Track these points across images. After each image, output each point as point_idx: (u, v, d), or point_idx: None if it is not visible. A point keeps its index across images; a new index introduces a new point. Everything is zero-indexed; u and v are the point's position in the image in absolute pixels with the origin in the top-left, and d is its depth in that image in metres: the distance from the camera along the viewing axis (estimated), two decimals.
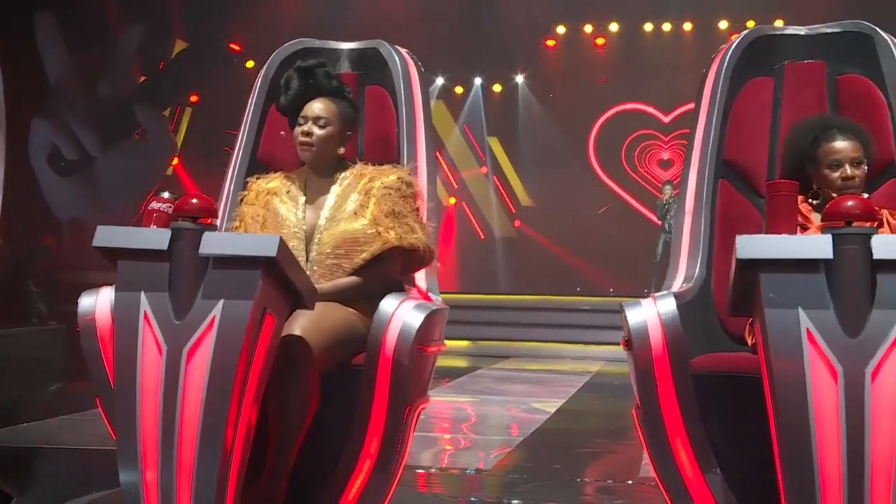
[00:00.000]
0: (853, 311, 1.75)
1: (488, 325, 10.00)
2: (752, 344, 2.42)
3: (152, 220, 2.08)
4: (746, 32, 2.83)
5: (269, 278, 1.97)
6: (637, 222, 12.20)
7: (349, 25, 10.65)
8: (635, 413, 2.30)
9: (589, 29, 12.54)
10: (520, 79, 12.83)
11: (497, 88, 12.99)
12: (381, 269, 2.44)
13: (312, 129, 2.49)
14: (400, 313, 2.27)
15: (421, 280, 2.71)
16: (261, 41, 10.45)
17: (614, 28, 12.50)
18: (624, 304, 2.26)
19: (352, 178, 2.52)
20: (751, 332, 2.43)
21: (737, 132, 2.74)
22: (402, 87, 2.86)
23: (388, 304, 2.30)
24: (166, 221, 2.05)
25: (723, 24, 11.83)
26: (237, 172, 2.87)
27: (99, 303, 2.26)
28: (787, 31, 2.85)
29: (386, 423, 2.26)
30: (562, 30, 12.60)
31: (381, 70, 2.92)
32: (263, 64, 3.02)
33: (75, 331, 2.31)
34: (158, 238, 1.98)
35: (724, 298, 2.20)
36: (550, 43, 12.69)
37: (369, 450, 2.27)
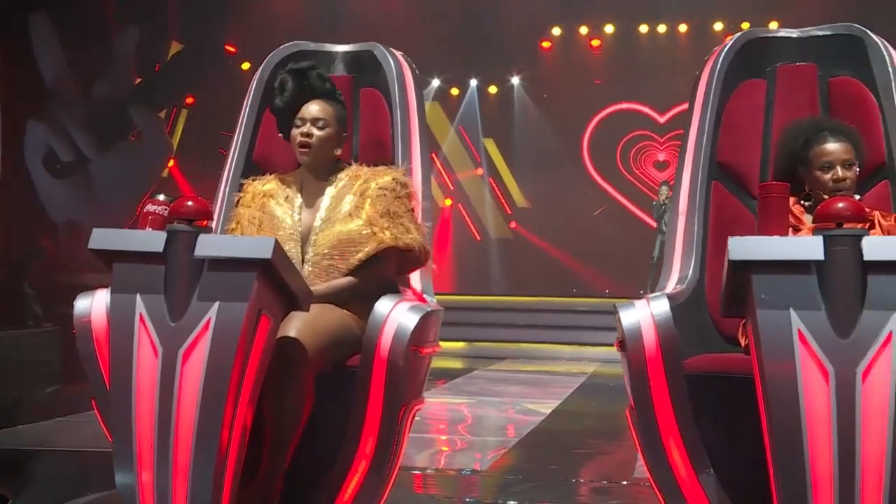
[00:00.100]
0: (844, 311, 1.77)
1: (484, 326, 10.01)
2: (745, 345, 2.43)
3: (148, 223, 2.09)
4: (739, 35, 2.85)
5: (265, 280, 1.97)
6: (633, 223, 12.23)
7: (345, 27, 10.66)
8: (629, 414, 2.31)
9: (584, 30, 12.56)
10: (515, 80, 12.84)
11: (493, 90, 13.00)
12: (377, 270, 2.45)
13: (311, 131, 2.51)
14: (395, 315, 2.29)
15: (416, 281, 2.72)
16: (256, 43, 10.45)
17: (610, 29, 12.52)
18: (617, 306, 2.27)
19: (347, 180, 2.53)
20: (744, 333, 2.45)
21: (730, 134, 2.76)
22: (397, 90, 2.87)
23: (383, 305, 2.31)
24: (162, 224, 2.06)
25: (718, 26, 11.86)
26: (232, 174, 2.88)
27: (95, 305, 2.27)
28: (779, 34, 2.86)
29: (381, 424, 2.27)
30: (557, 31, 12.62)
31: (376, 72, 2.93)
32: (259, 66, 3.03)
33: (71, 333, 2.32)
34: (154, 240, 1.98)
35: (717, 299, 2.20)
36: (546, 44, 12.71)
37: (364, 451, 2.28)
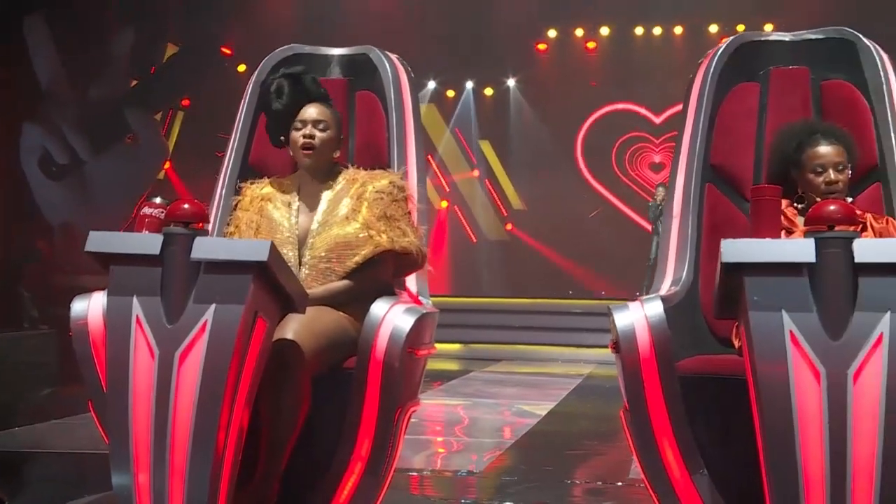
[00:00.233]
0: (835, 313, 1.78)
1: (480, 328, 10.02)
2: (738, 346, 2.44)
3: (144, 226, 2.10)
4: (732, 39, 2.87)
5: (261, 282, 1.98)
6: (629, 225, 12.24)
7: (341, 29, 10.66)
8: (623, 415, 2.32)
9: (580, 33, 12.58)
10: (511, 82, 12.86)
11: (489, 92, 13.02)
12: (374, 273, 2.46)
13: (314, 133, 2.52)
14: (390, 317, 2.30)
15: (411, 283, 2.73)
16: (252, 45, 10.45)
17: (605, 32, 12.53)
18: (611, 307, 2.28)
19: (344, 183, 2.55)
20: (737, 335, 2.46)
21: (723, 137, 2.78)
22: (393, 93, 2.89)
23: (379, 307, 2.32)
24: (158, 226, 2.07)
25: (713, 28, 11.87)
26: (229, 177, 2.89)
27: (91, 307, 2.28)
28: (771, 38, 2.88)
29: (377, 426, 2.28)
30: (553, 34, 12.64)
31: (372, 76, 2.94)
32: (255, 67, 3.04)
33: (67, 335, 2.33)
34: (151, 243, 1.99)
35: (711, 301, 2.22)
36: (542, 47, 12.72)
37: (360, 452, 2.29)
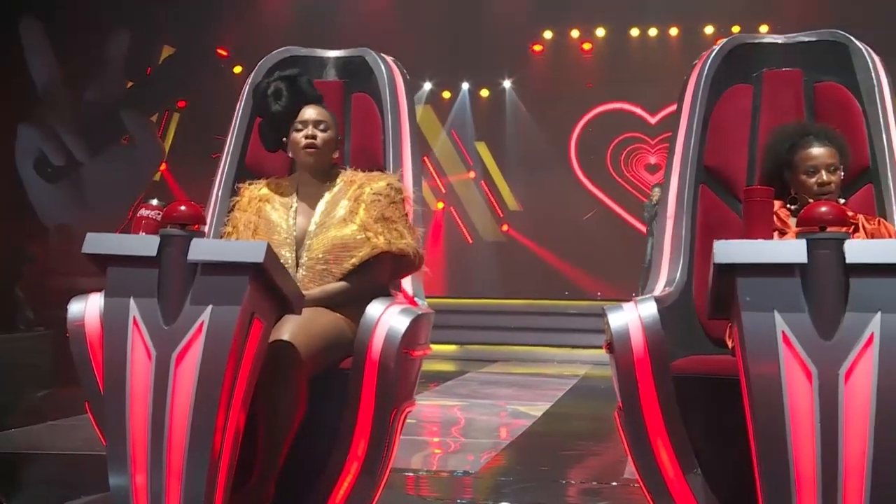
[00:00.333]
0: (827, 313, 1.80)
1: (476, 329, 10.03)
2: (732, 346, 2.46)
3: (141, 227, 2.11)
4: (726, 41, 2.89)
5: (257, 284, 2.00)
6: (625, 226, 12.26)
7: (337, 30, 10.68)
8: (617, 415, 2.34)
9: (576, 34, 12.59)
10: (507, 84, 12.87)
11: (484, 93, 13.03)
12: (370, 275, 2.48)
13: (316, 133, 2.54)
14: (386, 318, 2.31)
15: (407, 285, 2.74)
16: (248, 46, 10.47)
17: (601, 33, 12.55)
18: (606, 308, 2.29)
19: (342, 185, 2.56)
20: (731, 335, 2.48)
21: (717, 138, 2.79)
22: (388, 95, 2.90)
23: (375, 308, 2.33)
24: (155, 228, 2.08)
25: (708, 30, 11.89)
26: (225, 179, 2.91)
27: (88, 308, 2.29)
28: (765, 40, 2.90)
29: (373, 426, 2.29)
30: (549, 35, 12.65)
31: (367, 78, 2.96)
32: (251, 69, 3.05)
33: (63, 336, 2.33)
34: (147, 245, 2.00)
35: (704, 302, 2.23)
36: (537, 48, 12.74)
37: (356, 452, 2.30)
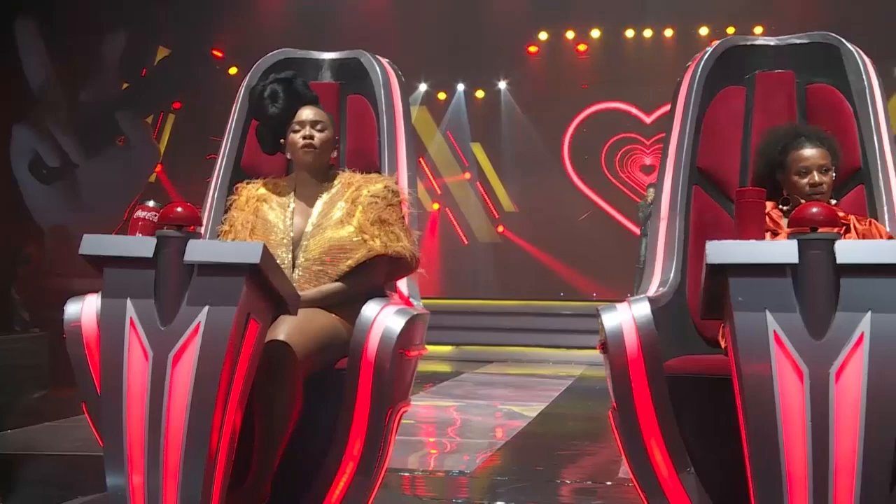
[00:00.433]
0: (818, 313, 1.82)
1: (472, 329, 10.04)
2: (725, 346, 2.48)
3: (138, 229, 2.12)
4: (718, 43, 2.91)
5: (253, 285, 2.01)
6: (620, 227, 12.29)
7: (332, 31, 10.69)
8: (611, 415, 2.35)
9: (571, 35, 12.61)
10: (502, 85, 12.88)
11: (480, 94, 13.04)
12: (366, 276, 2.49)
13: (313, 133, 2.56)
14: (381, 318, 2.32)
15: (402, 285, 2.76)
16: (243, 48, 10.48)
17: (596, 34, 12.57)
18: (600, 309, 2.31)
19: (340, 186, 2.58)
20: (724, 335, 2.49)
21: (710, 140, 2.81)
22: (383, 97, 2.91)
23: (370, 309, 2.35)
24: (152, 229, 2.09)
25: (703, 31, 11.93)
26: (221, 180, 2.92)
27: (85, 309, 2.30)
28: (757, 42, 2.92)
29: (368, 426, 2.30)
30: (544, 36, 12.67)
31: (363, 80, 2.97)
32: (246, 70, 3.07)
33: (59, 338, 2.34)
34: (144, 246, 2.02)
35: (698, 302, 2.25)
36: (533, 49, 12.76)
37: (352, 452, 2.31)
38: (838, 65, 2.77)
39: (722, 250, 1.89)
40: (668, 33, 12.32)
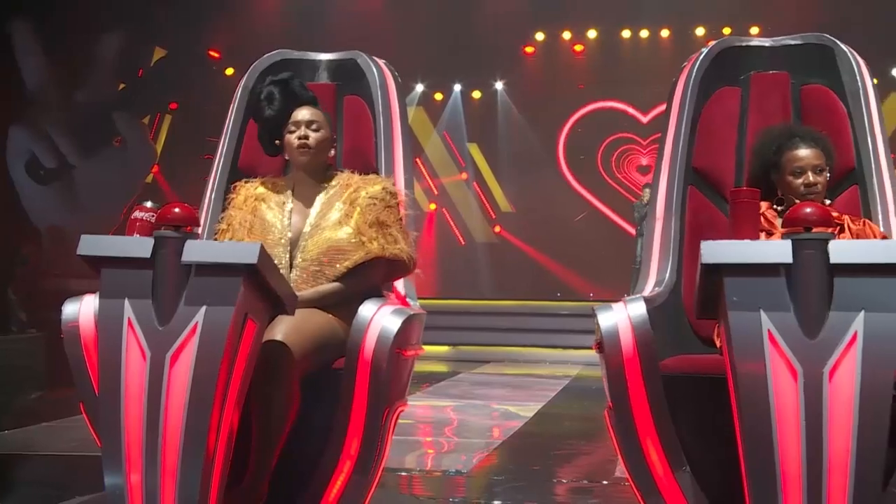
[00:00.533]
0: (812, 312, 1.83)
1: (468, 330, 10.05)
2: (720, 346, 2.49)
3: (135, 229, 2.13)
4: (714, 44, 2.92)
5: (250, 285, 2.02)
6: (617, 227, 12.31)
7: (328, 31, 10.69)
8: (607, 414, 2.36)
9: (567, 35, 12.63)
10: (499, 85, 12.91)
11: (476, 95, 13.06)
12: (364, 278, 2.50)
13: (308, 133, 2.56)
14: (378, 318, 2.33)
15: (399, 285, 2.77)
16: (240, 48, 10.47)
17: (592, 35, 12.59)
18: (596, 308, 2.32)
19: (338, 187, 2.59)
20: (719, 334, 2.51)
21: (705, 140, 2.83)
22: (380, 98, 2.93)
23: (367, 309, 2.36)
24: (149, 230, 2.10)
25: (699, 31, 11.95)
26: (218, 181, 2.93)
27: (83, 310, 2.30)
28: (752, 43, 2.94)
29: (365, 425, 2.31)
30: (540, 37, 12.69)
31: (359, 81, 2.98)
32: (242, 71, 3.08)
33: (56, 338, 2.35)
34: (142, 246, 2.02)
35: (693, 301, 2.26)
36: (529, 49, 12.78)
37: (349, 451, 2.32)
38: (832, 66, 2.79)
39: (717, 250, 1.90)
40: (665, 34, 12.34)
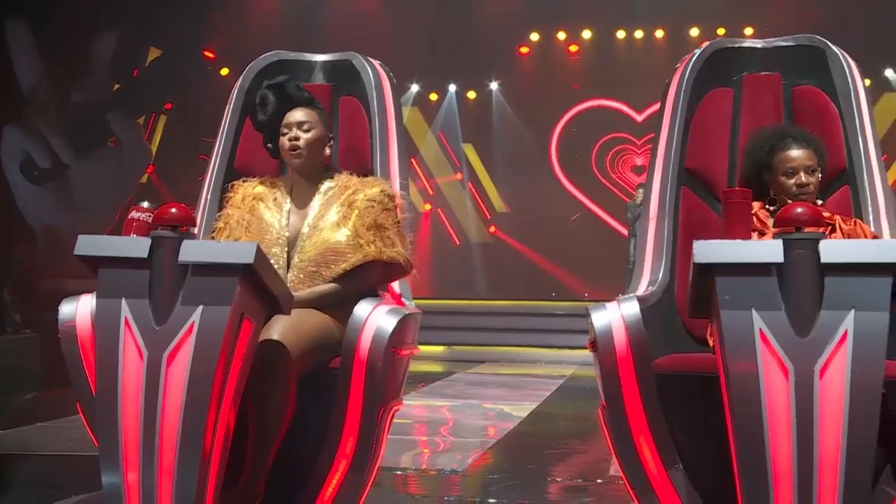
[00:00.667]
0: (803, 311, 1.85)
1: (463, 330, 10.06)
2: (712, 344, 2.51)
3: (132, 229, 2.14)
4: (706, 45, 2.94)
5: (247, 284, 2.03)
6: (612, 227, 12.33)
7: (323, 32, 10.70)
8: (601, 413, 2.38)
9: (562, 36, 12.65)
10: (494, 86, 12.92)
11: (471, 95, 13.08)
12: (360, 279, 2.52)
13: (299, 135, 2.57)
14: (374, 317, 2.35)
15: (395, 285, 2.78)
16: (235, 49, 10.49)
17: (587, 35, 12.62)
18: (590, 308, 2.34)
19: (336, 189, 2.60)
20: (712, 334, 2.52)
21: (698, 141, 2.85)
22: (375, 98, 2.94)
23: (363, 308, 2.37)
24: (146, 230, 2.11)
25: (694, 32, 11.98)
26: (214, 182, 2.94)
27: (79, 310, 2.32)
28: (745, 44, 2.96)
29: (361, 424, 2.33)
30: (535, 37, 12.71)
31: (355, 81, 2.99)
32: (237, 71, 3.09)
33: (50, 339, 2.35)
34: (139, 246, 2.03)
35: (686, 301, 2.28)
36: (524, 50, 12.80)
37: (345, 450, 2.34)
38: (824, 67, 2.82)
39: (709, 250, 1.92)
40: (659, 34, 12.37)
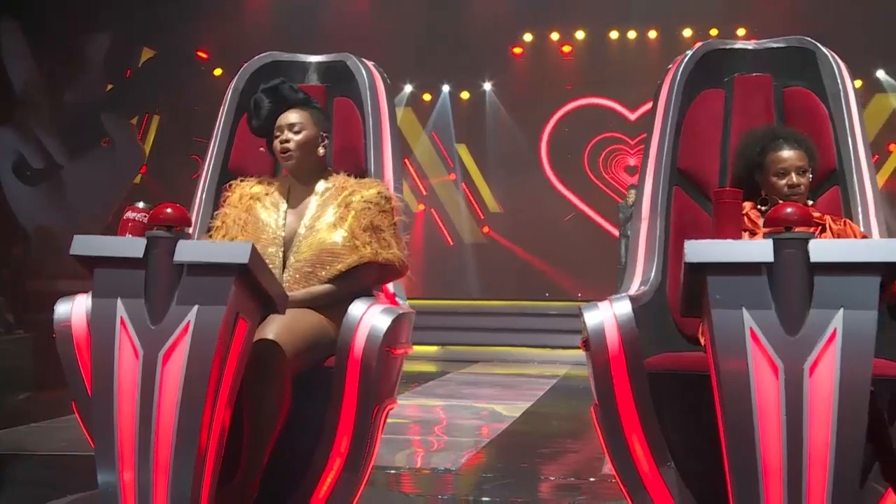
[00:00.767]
0: (793, 310, 1.87)
1: (457, 330, 10.07)
2: (704, 343, 2.53)
3: (128, 229, 2.15)
4: (698, 46, 2.96)
5: (242, 284, 2.04)
6: (605, 227, 12.36)
7: (317, 33, 10.70)
8: (594, 411, 2.40)
9: (556, 36, 12.68)
10: (487, 86, 12.94)
11: (465, 96, 13.10)
12: (355, 280, 2.53)
13: (289, 137, 2.58)
14: (368, 317, 2.36)
15: (389, 285, 2.80)
16: (228, 49, 10.48)
17: (580, 36, 12.65)
18: (582, 307, 2.36)
19: (333, 190, 2.61)
20: (703, 332, 2.55)
21: (690, 142, 2.87)
22: (369, 99, 2.95)
23: (357, 308, 2.39)
24: (141, 230, 2.12)
25: (687, 32, 12.02)
26: (208, 182, 2.95)
27: (75, 309, 2.32)
28: (736, 46, 2.98)
29: (355, 423, 2.34)
30: (529, 37, 12.74)
31: (349, 82, 3.01)
32: (231, 72, 3.09)
33: (44, 339, 2.36)
34: (134, 246, 2.04)
35: (678, 300, 2.30)
36: (517, 50, 12.82)
37: (339, 448, 2.35)
38: (814, 68, 2.84)
39: (700, 249, 1.94)
40: (652, 35, 12.41)
